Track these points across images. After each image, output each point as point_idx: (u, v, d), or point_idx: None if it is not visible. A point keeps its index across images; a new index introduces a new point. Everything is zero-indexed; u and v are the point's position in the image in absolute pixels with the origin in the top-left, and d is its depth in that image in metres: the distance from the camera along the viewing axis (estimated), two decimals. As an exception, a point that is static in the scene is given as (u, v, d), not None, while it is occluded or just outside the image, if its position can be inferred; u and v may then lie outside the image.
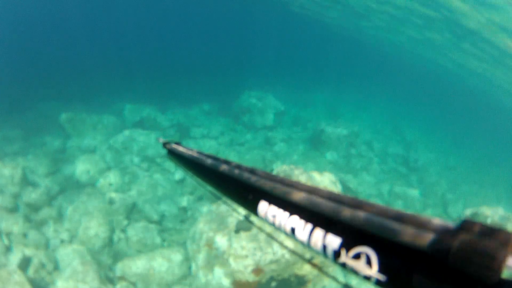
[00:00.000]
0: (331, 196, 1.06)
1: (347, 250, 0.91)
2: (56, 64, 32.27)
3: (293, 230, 1.11)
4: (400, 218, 0.86)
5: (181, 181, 17.80)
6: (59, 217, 15.34)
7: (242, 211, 1.77)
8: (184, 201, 16.54)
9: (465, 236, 0.73)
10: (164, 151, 2.87)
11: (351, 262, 0.90)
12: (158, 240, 14.71)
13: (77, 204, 15.16)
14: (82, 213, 14.89)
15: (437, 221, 0.83)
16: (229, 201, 1.65)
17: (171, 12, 52.72)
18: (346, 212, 0.95)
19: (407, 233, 0.81)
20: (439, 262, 0.75)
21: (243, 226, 11.41)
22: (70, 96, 25.84)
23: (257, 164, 19.84)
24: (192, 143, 21.20)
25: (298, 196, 1.15)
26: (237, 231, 11.38)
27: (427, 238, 0.79)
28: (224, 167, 1.73)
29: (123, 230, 14.87)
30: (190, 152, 2.27)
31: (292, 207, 1.17)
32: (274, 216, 1.22)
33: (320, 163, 21.33)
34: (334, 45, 53.17)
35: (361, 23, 32.04)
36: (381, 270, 0.85)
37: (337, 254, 0.94)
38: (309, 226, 1.05)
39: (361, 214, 0.92)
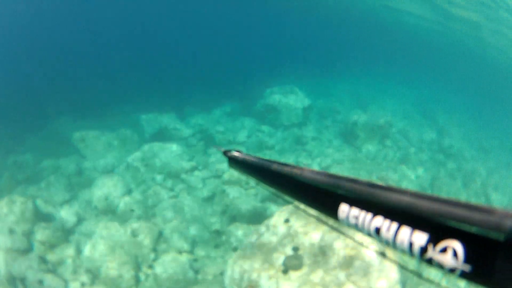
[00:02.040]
0: (412, 194, 1.06)
1: (434, 245, 0.93)
2: (64, 78, 30.61)
3: (377, 230, 1.09)
4: (473, 208, 0.89)
5: (210, 199, 15.94)
6: (78, 254, 13.61)
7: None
8: (216, 223, 14.66)
9: None
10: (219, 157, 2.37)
11: (438, 257, 0.91)
12: (190, 274, 12.86)
13: (96, 239, 13.36)
14: (102, 249, 13.09)
15: (501, 209, 0.85)
16: (302, 205, 1.61)
17: (182, 11, 50.56)
18: (429, 207, 0.97)
19: (486, 222, 0.83)
20: None
21: (292, 263, 9.43)
22: (81, 111, 24.09)
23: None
24: (217, 152, 19.25)
25: (383, 196, 1.13)
26: (285, 271, 9.41)
27: (506, 225, 0.80)
28: (295, 172, 1.69)
29: (150, 266, 13.02)
30: (253, 159, 2.24)
31: (376, 208, 1.15)
32: (356, 218, 1.21)
33: (357, 161, 19.33)
34: (353, 30, 50.82)
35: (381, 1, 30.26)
36: (466, 260, 0.86)
37: (423, 250, 0.95)
38: (395, 225, 1.04)
39: (443, 208, 0.94)
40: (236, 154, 2.52)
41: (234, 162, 2.48)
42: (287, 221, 10.58)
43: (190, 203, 15.36)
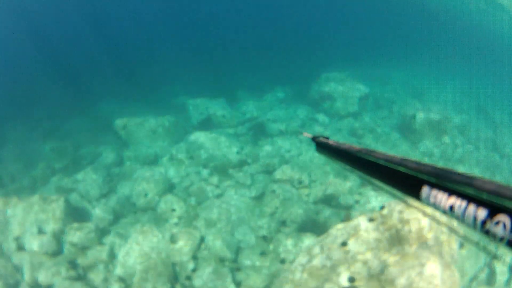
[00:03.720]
0: (478, 179, 1.26)
1: (491, 219, 1.13)
2: (109, 59, 29.42)
3: (451, 207, 1.31)
4: None
5: (259, 198, 14.21)
6: (111, 259, 12.27)
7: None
8: (264, 227, 12.92)
9: None
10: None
11: (493, 228, 1.11)
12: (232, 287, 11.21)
13: (131, 245, 11.89)
14: (137, 257, 11.62)
15: None
16: (384, 186, 1.83)
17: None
18: (490, 189, 1.20)
19: None
20: None
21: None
22: (126, 93, 22.83)
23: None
24: (269, 143, 17.45)
25: (457, 180, 1.35)
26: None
27: None
28: (379, 157, 1.90)
29: (189, 277, 11.45)
30: (340, 145, 2.38)
31: (451, 190, 1.36)
32: (435, 197, 1.42)
33: (414, 158, 17.16)
34: (409, 17, 47.77)
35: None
36: None
37: (483, 223, 1.16)
38: (464, 203, 1.26)
39: (500, 190, 1.16)
40: (323, 140, 2.68)
41: (322, 147, 2.67)
42: (344, 244, 8.74)
43: (237, 203, 13.66)
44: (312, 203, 13.93)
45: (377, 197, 14.01)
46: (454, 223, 9.35)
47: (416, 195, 1.57)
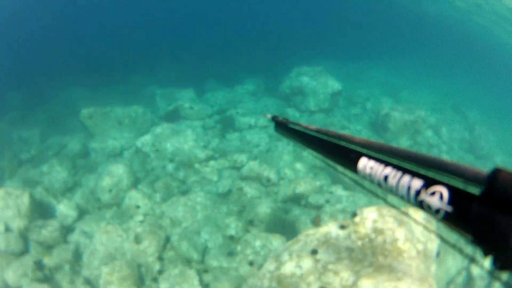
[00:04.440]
0: (414, 151, 1.35)
1: (426, 189, 1.18)
2: (77, 46, 28.76)
3: (386, 177, 1.38)
4: (463, 167, 1.13)
5: (226, 195, 14.20)
6: (76, 259, 12.19)
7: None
8: (231, 226, 12.97)
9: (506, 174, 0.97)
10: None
11: (428, 198, 1.15)
12: (199, 289, 11.32)
13: (95, 245, 11.85)
14: (102, 258, 11.61)
15: (484, 171, 1.06)
16: (330, 162, 1.99)
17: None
18: (427, 161, 1.25)
19: (468, 172, 1.08)
20: (491, 193, 0.99)
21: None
22: (93, 81, 22.45)
23: (317, 163, 16.03)
24: (237, 138, 17.46)
25: (393, 151, 1.44)
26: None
27: (483, 174, 1.04)
28: (326, 135, 2.05)
29: (155, 279, 11.49)
30: (296, 125, 2.56)
31: (387, 161, 1.47)
32: (371, 168, 1.50)
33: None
34: (385, 17, 47.80)
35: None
36: (450, 202, 1.09)
37: (418, 193, 1.21)
38: (399, 173, 1.33)
39: (439, 162, 1.20)
40: (281, 120, 2.93)
41: (279, 127, 2.93)
42: (314, 252, 8.79)
43: (203, 200, 13.64)
44: (281, 201, 13.92)
45: (348, 197, 14.08)
46: (431, 225, 9.53)
47: (354, 167, 1.66)
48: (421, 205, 1.19)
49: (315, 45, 33.95)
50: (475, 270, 13.79)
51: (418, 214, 9.46)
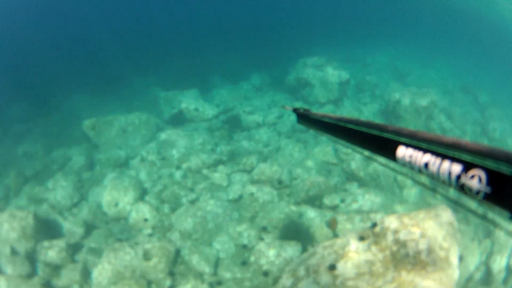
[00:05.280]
0: (451, 138, 1.38)
1: (466, 173, 1.22)
2: (77, 52, 28.27)
3: (426, 164, 1.41)
4: (495, 149, 1.17)
5: (237, 200, 13.63)
6: (85, 278, 11.70)
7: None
8: (244, 235, 12.40)
9: None
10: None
11: (468, 182, 1.19)
12: (214, 305, 10.80)
13: (103, 264, 11.35)
14: (110, 277, 11.11)
15: None
16: (364, 151, 1.95)
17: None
18: (464, 146, 1.29)
19: (502, 154, 1.12)
20: None
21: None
22: (95, 88, 21.96)
23: (329, 159, 15.36)
24: (245, 137, 16.87)
25: (431, 139, 1.47)
26: None
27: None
28: (356, 125, 2.00)
29: (166, 297, 10.98)
30: (320, 115, 2.51)
31: (425, 148, 1.48)
32: (410, 156, 1.53)
33: None
34: None
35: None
36: (488, 183, 1.13)
37: (458, 177, 1.25)
38: (439, 159, 1.36)
39: (474, 147, 1.25)
40: (304, 111, 2.87)
41: (302, 119, 2.91)
42: (332, 267, 8.18)
43: (213, 208, 13.08)
44: (294, 203, 13.34)
45: (364, 195, 13.50)
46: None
47: (393, 156, 1.67)
48: (462, 188, 1.23)
49: (319, 33, 33.10)
50: (494, 265, 13.19)
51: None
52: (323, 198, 13.36)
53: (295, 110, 3.03)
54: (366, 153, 1.95)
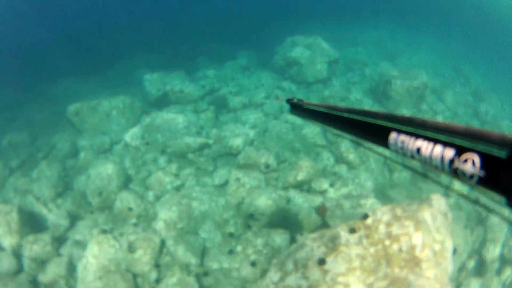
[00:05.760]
0: (443, 122, 1.37)
1: (459, 157, 1.22)
2: (61, 35, 27.54)
3: (418, 149, 1.41)
4: (489, 133, 1.16)
5: (223, 186, 13.36)
6: (71, 273, 11.53)
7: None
8: (230, 222, 12.17)
9: None
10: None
11: (462, 166, 1.19)
12: (200, 297, 10.63)
13: (88, 258, 11.13)
14: (95, 271, 10.90)
15: (509, 135, 1.11)
16: (357, 139, 1.92)
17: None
18: (456, 130, 1.29)
19: (496, 137, 1.12)
20: None
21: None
22: (80, 72, 21.50)
23: (317, 141, 15.02)
24: (232, 119, 16.51)
25: (423, 124, 1.45)
26: None
27: (509, 138, 1.08)
28: (349, 113, 2.00)
29: (152, 289, 10.80)
30: (313, 105, 2.52)
31: (417, 133, 1.47)
32: (402, 142, 1.51)
33: None
34: None
35: None
36: (482, 167, 1.12)
37: (451, 161, 1.24)
38: (431, 144, 1.36)
39: (468, 130, 1.24)
40: (296, 102, 2.85)
41: (295, 109, 2.86)
42: (322, 262, 7.93)
43: (199, 195, 12.81)
44: (282, 188, 13.07)
45: (354, 179, 13.29)
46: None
47: (385, 143, 1.66)
48: (455, 172, 1.22)
49: (307, 12, 32.38)
50: (487, 255, 12.99)
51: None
52: (312, 183, 13.09)
53: (288, 101, 3.00)
54: (360, 141, 1.92)
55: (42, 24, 30.23)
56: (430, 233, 7.84)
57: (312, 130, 15.26)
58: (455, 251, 9.35)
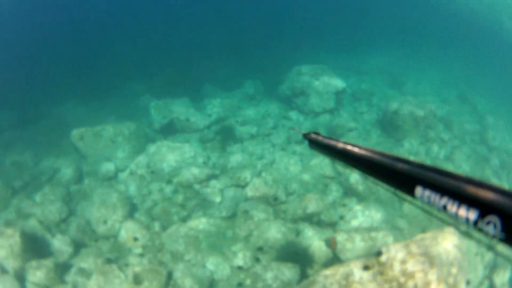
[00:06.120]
0: (468, 180, 1.38)
1: (482, 218, 1.21)
2: (66, 58, 27.53)
3: (444, 207, 1.39)
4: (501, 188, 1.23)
5: (231, 218, 13.25)
6: (74, 303, 11.29)
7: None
8: (239, 255, 12.03)
9: None
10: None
11: (485, 228, 1.19)
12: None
13: (92, 288, 10.94)
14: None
15: None
16: (381, 184, 1.84)
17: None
18: (479, 193, 1.27)
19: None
20: None
21: None
22: (84, 95, 21.48)
23: (326, 172, 14.97)
24: (239, 149, 16.45)
25: (448, 183, 1.43)
26: None
27: None
28: (372, 156, 1.93)
29: (158, 325, 10.59)
30: (332, 142, 2.45)
31: (443, 191, 1.43)
32: (429, 197, 1.48)
33: None
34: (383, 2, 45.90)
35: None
36: (502, 230, 1.14)
37: (475, 222, 1.24)
38: (456, 204, 1.33)
39: (490, 194, 1.24)
40: (314, 136, 2.74)
41: (314, 144, 2.73)
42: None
43: (206, 227, 12.70)
44: (291, 221, 12.96)
45: (364, 211, 13.18)
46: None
47: (412, 194, 1.61)
48: (480, 231, 1.24)
49: (311, 40, 32.50)
50: (497, 279, 12.96)
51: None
52: (321, 215, 13.02)
53: (305, 136, 2.91)
54: (381, 184, 1.87)
55: (45, 46, 30.27)
56: (444, 267, 7.83)
57: (320, 161, 15.22)
58: (468, 283, 9.30)
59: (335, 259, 11.57)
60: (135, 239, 12.53)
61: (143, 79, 23.21)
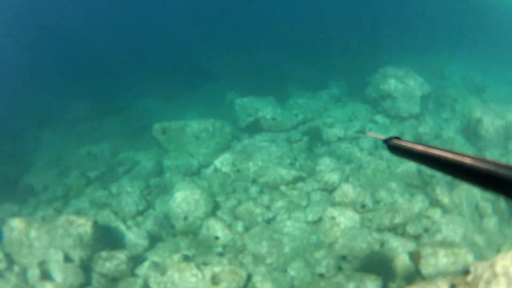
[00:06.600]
0: None
1: None
2: (151, 52, 27.65)
3: None
4: None
5: (316, 223, 12.20)
6: (145, 298, 10.58)
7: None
8: (322, 263, 11.00)
9: None
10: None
11: None
12: None
13: (166, 284, 10.20)
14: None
15: None
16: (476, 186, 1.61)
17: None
18: None
19: None
20: None
21: None
22: (168, 89, 21.20)
23: (413, 181, 13.71)
24: (326, 152, 15.38)
25: None
26: None
27: None
28: (463, 160, 1.70)
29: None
30: (416, 147, 2.21)
31: None
32: None
33: None
34: (465, 7, 43.97)
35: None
36: None
37: None
38: None
39: None
40: (396, 142, 2.48)
41: (395, 150, 2.48)
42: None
43: (291, 231, 11.76)
44: (376, 230, 11.89)
45: (447, 224, 12.00)
46: None
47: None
48: None
49: (394, 42, 31.26)
50: None
51: None
52: (406, 226, 11.90)
53: (385, 142, 2.60)
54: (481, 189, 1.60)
55: (126, 40, 30.63)
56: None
57: (408, 169, 14.04)
58: None
59: (416, 273, 10.79)
60: (216, 238, 11.72)
61: (225, 77, 22.71)
